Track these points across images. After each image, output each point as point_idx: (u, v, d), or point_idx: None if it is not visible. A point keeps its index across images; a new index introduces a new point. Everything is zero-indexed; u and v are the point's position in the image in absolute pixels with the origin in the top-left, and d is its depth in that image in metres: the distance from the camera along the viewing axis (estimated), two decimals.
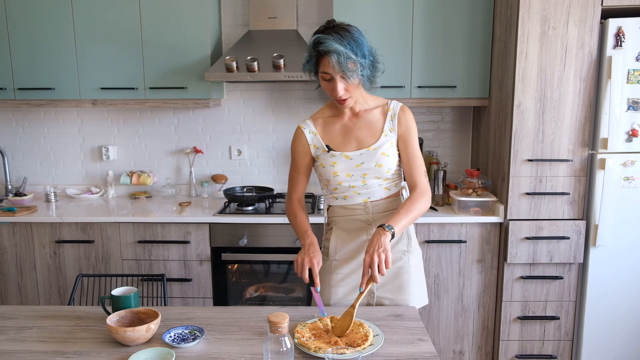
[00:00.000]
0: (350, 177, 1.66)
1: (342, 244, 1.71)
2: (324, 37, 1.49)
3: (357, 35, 1.52)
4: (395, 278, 1.70)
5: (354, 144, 1.66)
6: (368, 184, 1.66)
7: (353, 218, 1.69)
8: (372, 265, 1.44)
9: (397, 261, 1.69)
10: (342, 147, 1.67)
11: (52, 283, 2.68)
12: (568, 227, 2.47)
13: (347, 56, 1.47)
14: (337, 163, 1.65)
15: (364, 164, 1.64)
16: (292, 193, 1.76)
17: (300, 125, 1.72)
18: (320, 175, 1.72)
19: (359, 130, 1.67)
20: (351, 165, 1.65)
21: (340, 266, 1.72)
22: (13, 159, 3.19)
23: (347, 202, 1.69)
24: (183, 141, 3.13)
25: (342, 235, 1.72)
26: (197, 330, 1.47)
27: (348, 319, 1.45)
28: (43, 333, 1.49)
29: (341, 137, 1.68)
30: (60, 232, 2.63)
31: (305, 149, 1.70)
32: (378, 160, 1.64)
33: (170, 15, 2.70)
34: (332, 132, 1.69)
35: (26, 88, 2.79)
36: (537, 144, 2.44)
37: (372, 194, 1.67)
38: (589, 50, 2.36)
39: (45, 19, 2.73)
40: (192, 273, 2.63)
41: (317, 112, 1.76)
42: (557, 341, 2.58)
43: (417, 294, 1.73)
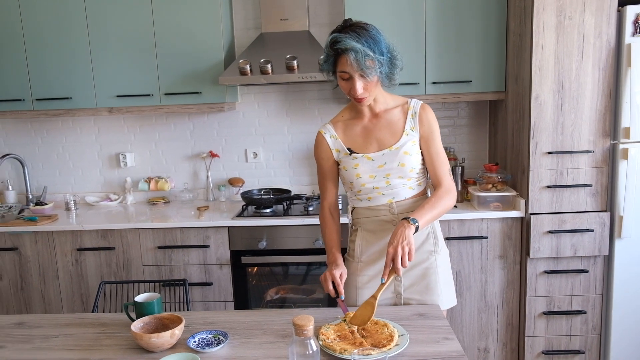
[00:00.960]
0: (373, 178, 1.65)
1: (368, 245, 1.70)
2: (341, 36, 1.49)
3: (374, 32, 1.51)
4: (422, 279, 1.68)
5: (375, 144, 1.65)
6: (392, 184, 1.64)
7: (378, 219, 1.68)
8: (396, 257, 1.44)
9: (424, 262, 1.68)
10: (363, 149, 1.66)
11: (75, 290, 2.72)
12: (592, 220, 2.42)
13: (365, 54, 1.46)
14: (359, 165, 1.65)
15: (386, 164, 1.63)
16: (323, 200, 1.78)
17: (320, 131, 1.73)
18: (344, 178, 1.72)
19: (379, 131, 1.66)
20: (373, 166, 1.64)
21: (366, 268, 1.71)
22: (33, 168, 3.24)
23: (371, 203, 1.68)
24: (199, 146, 3.14)
25: (367, 237, 1.71)
26: (220, 335, 1.47)
27: (369, 309, 1.45)
28: (69, 341, 1.50)
29: (362, 139, 1.67)
30: (81, 240, 2.66)
31: (327, 154, 1.71)
32: (401, 160, 1.62)
33: (182, 21, 2.72)
34: (352, 134, 1.68)
35: (44, 98, 2.83)
36: (556, 136, 2.40)
37: (397, 194, 1.66)
38: (606, 38, 2.32)
39: (60, 29, 2.77)
40: (213, 277, 2.64)
41: (337, 115, 1.75)
42: (585, 336, 2.53)
43: (445, 294, 1.71)
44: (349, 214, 1.78)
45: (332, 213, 1.77)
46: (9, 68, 2.81)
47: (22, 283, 2.73)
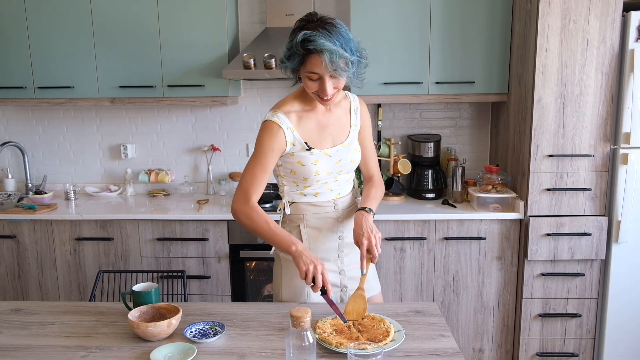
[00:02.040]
0: (329, 174, 1.61)
1: (315, 242, 1.66)
2: (312, 34, 1.39)
3: (344, 31, 1.44)
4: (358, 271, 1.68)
5: (330, 140, 1.61)
6: (339, 179, 1.65)
7: (323, 216, 1.65)
8: (371, 247, 1.51)
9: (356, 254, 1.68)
10: (319, 144, 1.59)
11: (72, 280, 2.72)
12: (590, 223, 2.43)
13: (339, 54, 1.39)
14: (319, 161, 1.58)
15: (341, 161, 1.62)
16: (252, 194, 1.55)
17: (274, 121, 1.54)
18: (294, 173, 1.60)
19: (332, 126, 1.62)
20: (331, 162, 1.60)
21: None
22: (33, 157, 3.24)
23: (317, 199, 1.64)
24: (200, 139, 3.15)
25: (312, 234, 1.66)
26: (217, 326, 1.47)
27: (361, 302, 1.48)
28: (65, 328, 1.51)
29: (317, 133, 1.59)
30: (80, 230, 2.66)
31: (281, 146, 1.55)
32: (352, 156, 1.64)
33: (187, 14, 2.72)
34: (308, 128, 1.58)
35: (46, 87, 2.83)
36: (557, 139, 2.41)
37: (341, 189, 1.67)
38: (610, 43, 2.32)
39: (64, 18, 2.76)
40: (211, 270, 2.64)
41: (284, 103, 1.59)
42: (579, 339, 2.54)
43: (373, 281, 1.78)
44: (284, 209, 1.67)
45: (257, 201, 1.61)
46: (11, 55, 2.81)
47: (19, 271, 2.73)
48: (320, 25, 1.42)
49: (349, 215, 1.69)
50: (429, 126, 3.05)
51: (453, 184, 2.74)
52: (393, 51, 2.67)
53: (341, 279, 1.71)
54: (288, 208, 1.66)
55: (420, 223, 2.53)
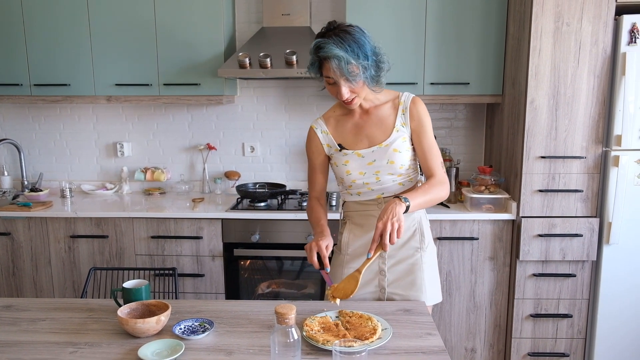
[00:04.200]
0: (363, 175, 1.65)
1: (355, 238, 1.72)
2: (323, 42, 1.47)
3: (359, 35, 1.49)
4: (407, 275, 1.69)
5: (366, 141, 1.66)
6: (382, 180, 1.66)
7: (367, 214, 1.69)
8: (384, 232, 1.42)
9: (409, 258, 1.69)
10: (353, 145, 1.67)
11: (67, 277, 2.73)
12: (581, 225, 2.44)
13: (347, 61, 1.45)
14: (349, 162, 1.66)
15: (376, 162, 1.64)
16: (310, 192, 1.78)
17: (312, 125, 1.75)
18: (335, 173, 1.74)
19: (369, 128, 1.67)
20: (363, 163, 1.65)
21: (352, 260, 1.71)
22: (29, 154, 3.25)
23: (361, 197, 1.70)
24: (196, 138, 3.16)
25: (355, 230, 1.72)
26: (206, 323, 1.48)
27: (353, 283, 1.47)
28: (55, 325, 1.52)
29: (352, 135, 1.68)
30: (75, 227, 2.67)
31: (318, 149, 1.73)
32: (390, 157, 1.63)
33: (184, 12, 2.73)
34: (343, 131, 1.69)
35: (42, 84, 2.84)
36: (550, 141, 2.42)
37: (386, 189, 1.67)
38: (602, 46, 2.34)
39: (61, 15, 2.77)
40: (205, 268, 2.65)
41: (328, 110, 1.76)
42: (570, 339, 2.55)
43: (430, 291, 1.71)
44: (340, 208, 1.81)
45: (319, 200, 1.76)
46: (7, 52, 2.82)
47: (13, 268, 2.74)
48: (334, 32, 1.49)
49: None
50: None
51: None
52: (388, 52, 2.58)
53: (380, 280, 1.70)
54: (341, 207, 1.80)
55: None
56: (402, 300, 1.69)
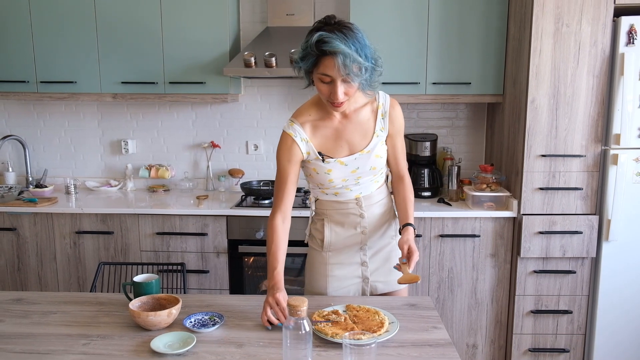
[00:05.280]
0: (345, 181, 1.64)
1: (337, 237, 1.72)
2: (328, 36, 1.37)
3: (361, 35, 1.42)
4: (385, 262, 1.75)
5: (346, 148, 1.61)
6: (361, 182, 1.66)
7: (346, 212, 1.69)
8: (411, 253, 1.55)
9: (386, 246, 1.75)
10: (334, 153, 1.60)
11: (72, 273, 2.75)
12: (581, 222, 2.48)
13: (353, 58, 1.37)
14: (332, 170, 1.60)
15: (359, 169, 1.62)
16: (277, 206, 1.62)
17: (289, 133, 1.58)
18: (312, 177, 1.67)
19: (350, 134, 1.60)
20: (346, 171, 1.61)
21: (335, 256, 1.74)
22: (34, 151, 3.26)
23: (338, 197, 1.68)
24: (201, 136, 3.18)
25: (335, 229, 1.72)
26: (216, 316, 1.50)
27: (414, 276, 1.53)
28: (66, 317, 1.53)
29: (332, 142, 1.60)
30: (80, 223, 2.69)
31: (297, 158, 1.60)
32: (372, 163, 1.63)
33: (189, 11, 2.75)
34: (322, 137, 1.60)
35: (48, 81, 2.86)
36: (550, 140, 2.45)
37: (364, 189, 1.68)
38: (601, 47, 2.37)
39: (67, 12, 2.79)
40: (209, 265, 2.68)
41: (301, 112, 1.62)
42: (570, 335, 2.59)
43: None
44: (311, 204, 1.76)
45: (284, 221, 1.63)
46: (14, 49, 2.84)
47: (19, 264, 2.76)
48: (337, 28, 1.40)
49: (374, 212, 1.70)
50: (425, 126, 3.09)
51: (449, 182, 2.79)
52: (391, 52, 2.71)
53: (363, 271, 1.75)
54: (314, 204, 1.75)
55: (416, 220, 2.52)
56: (385, 287, 1.76)
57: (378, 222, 1.72)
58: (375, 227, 1.72)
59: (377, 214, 1.72)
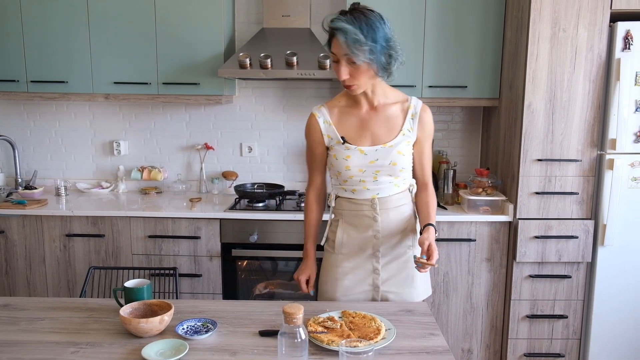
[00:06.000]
0: (362, 172, 1.63)
1: (349, 239, 1.70)
2: (336, 17, 1.49)
3: (374, 19, 1.48)
4: (400, 272, 1.71)
5: (370, 138, 1.63)
6: (379, 180, 1.64)
7: (361, 214, 1.68)
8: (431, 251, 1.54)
9: (402, 255, 1.71)
10: (357, 141, 1.63)
11: (62, 277, 2.70)
12: (577, 227, 2.47)
13: (354, 38, 1.43)
14: (350, 157, 1.62)
15: (378, 161, 1.62)
16: (310, 185, 1.77)
17: (314, 113, 1.67)
18: (332, 166, 1.69)
19: (375, 125, 1.63)
20: (365, 160, 1.62)
21: (346, 260, 1.72)
22: (24, 152, 3.21)
23: (354, 195, 1.67)
24: (194, 137, 3.15)
25: (349, 230, 1.70)
26: (209, 323, 1.47)
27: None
28: (55, 324, 1.49)
29: (357, 130, 1.63)
30: (70, 226, 2.65)
31: (318, 138, 1.67)
32: (393, 159, 1.61)
33: (184, 12, 2.72)
34: (347, 124, 1.64)
35: (39, 81, 2.81)
36: (546, 144, 2.45)
37: (382, 190, 1.65)
38: (598, 52, 2.37)
39: (59, 11, 2.75)
40: (202, 269, 2.64)
41: (333, 99, 1.70)
42: (565, 340, 2.58)
43: (421, 286, 1.76)
44: (331, 201, 1.77)
45: (318, 198, 1.77)
46: (5, 48, 2.79)
47: (7, 267, 2.71)
48: (351, 12, 1.49)
49: (389, 217, 1.67)
50: None
51: (444, 186, 2.77)
52: None
53: (374, 278, 1.71)
54: (333, 201, 1.75)
55: None
56: (396, 298, 1.71)
57: (394, 228, 1.68)
58: (390, 234, 1.68)
59: (393, 220, 1.68)
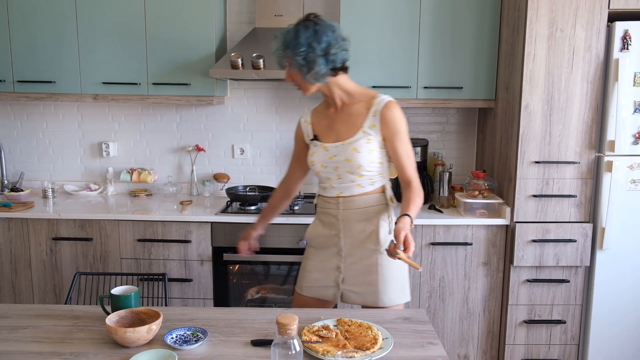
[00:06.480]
0: (324, 167, 1.73)
1: (316, 234, 1.82)
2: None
3: (300, 27, 1.61)
4: (363, 275, 1.74)
5: (334, 136, 1.73)
6: (342, 178, 1.71)
7: (327, 211, 1.77)
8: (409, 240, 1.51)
9: (365, 259, 1.74)
10: (324, 138, 1.75)
11: (48, 282, 2.63)
12: (575, 230, 2.44)
13: (277, 46, 1.65)
14: (315, 153, 1.76)
15: (336, 157, 1.70)
16: (285, 176, 1.97)
17: (302, 115, 1.88)
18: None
19: (339, 123, 1.73)
20: (325, 156, 1.72)
21: (315, 253, 1.83)
22: (10, 153, 3.14)
23: (324, 193, 1.78)
24: (185, 139, 3.09)
25: (317, 226, 1.82)
26: (199, 332, 1.43)
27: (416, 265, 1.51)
28: (38, 333, 1.45)
29: (325, 129, 1.76)
30: (57, 229, 2.58)
31: (299, 136, 1.86)
32: (348, 155, 1.67)
33: (175, 10, 2.67)
34: (321, 124, 1.78)
35: (26, 81, 2.75)
36: (544, 146, 2.41)
37: (345, 189, 1.72)
38: (595, 52, 2.35)
39: (47, 10, 2.69)
40: (193, 273, 2.58)
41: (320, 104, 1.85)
42: (564, 345, 2.55)
43: (389, 292, 1.73)
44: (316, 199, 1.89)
45: (286, 184, 1.96)
46: None
47: None
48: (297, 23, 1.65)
49: (350, 217, 1.72)
50: (416, 131, 3.04)
51: (440, 189, 2.73)
52: (382, 54, 2.65)
53: (335, 276, 1.77)
54: (316, 199, 1.87)
55: None
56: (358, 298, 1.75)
57: (354, 229, 1.72)
58: (351, 234, 1.73)
59: (355, 220, 1.72)
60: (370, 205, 1.72)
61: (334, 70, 1.64)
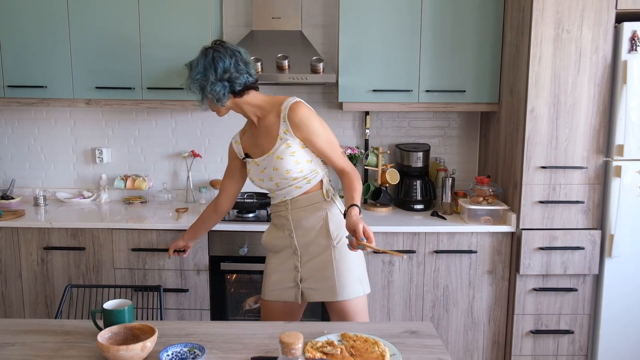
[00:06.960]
0: (261, 181, 1.84)
1: (271, 238, 1.91)
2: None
3: (200, 55, 1.76)
4: (320, 271, 1.81)
5: (259, 150, 1.82)
6: (280, 185, 1.80)
7: (279, 214, 1.87)
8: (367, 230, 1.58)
9: (320, 254, 1.81)
10: (253, 154, 1.86)
11: (39, 292, 2.55)
12: (583, 237, 2.38)
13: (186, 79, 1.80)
14: (250, 170, 1.88)
15: (266, 169, 1.80)
16: (218, 196, 2.06)
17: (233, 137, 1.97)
18: None
19: (260, 138, 1.82)
20: (258, 170, 1.83)
21: (274, 257, 1.91)
22: (0, 160, 3.06)
23: (273, 200, 1.88)
24: (181, 144, 3.02)
25: (272, 230, 1.92)
26: (197, 349, 1.36)
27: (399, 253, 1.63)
28: (26, 350, 1.39)
29: (251, 146, 1.86)
30: (49, 238, 2.51)
31: (232, 155, 1.96)
32: (275, 164, 1.76)
33: (170, 13, 2.61)
34: (248, 141, 1.88)
35: (17, 86, 2.68)
36: (550, 151, 2.36)
37: (287, 193, 1.81)
38: (603, 54, 2.30)
39: (38, 13, 2.62)
40: (189, 283, 2.51)
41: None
42: (571, 356, 2.48)
43: (347, 285, 1.79)
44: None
45: (216, 201, 2.05)
46: None
47: None
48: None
49: (300, 215, 1.81)
50: (417, 135, 2.98)
51: (442, 195, 2.67)
52: (383, 58, 2.60)
53: (294, 276, 1.85)
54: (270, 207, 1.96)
55: (409, 235, 2.44)
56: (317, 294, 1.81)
57: (305, 226, 1.81)
58: (303, 232, 1.82)
59: (304, 218, 1.81)
60: (315, 202, 1.80)
61: (236, 93, 1.74)
